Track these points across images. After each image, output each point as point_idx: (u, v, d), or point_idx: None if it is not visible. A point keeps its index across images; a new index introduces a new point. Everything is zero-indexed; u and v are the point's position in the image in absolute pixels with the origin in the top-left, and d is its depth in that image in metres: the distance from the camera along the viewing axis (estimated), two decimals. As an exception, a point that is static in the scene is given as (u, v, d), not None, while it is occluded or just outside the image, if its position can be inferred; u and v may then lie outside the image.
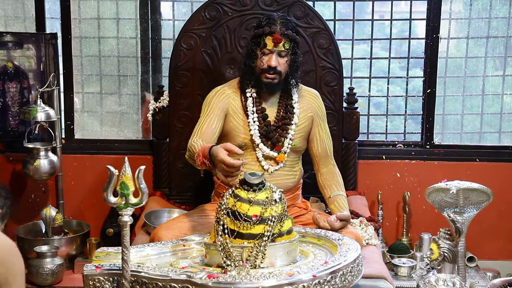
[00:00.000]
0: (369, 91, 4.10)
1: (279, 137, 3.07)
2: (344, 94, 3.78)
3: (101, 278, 2.29)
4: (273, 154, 3.06)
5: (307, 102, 3.15)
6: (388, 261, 3.60)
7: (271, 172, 3.05)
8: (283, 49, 2.95)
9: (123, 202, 2.14)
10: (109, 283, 2.29)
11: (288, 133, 3.08)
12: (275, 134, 3.06)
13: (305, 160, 3.36)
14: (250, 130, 3.04)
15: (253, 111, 3.05)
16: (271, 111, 3.09)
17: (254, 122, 3.04)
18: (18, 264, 1.71)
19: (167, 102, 3.77)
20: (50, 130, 3.76)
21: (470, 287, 3.43)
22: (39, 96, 3.66)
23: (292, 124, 3.09)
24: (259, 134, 3.04)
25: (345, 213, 2.96)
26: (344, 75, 3.76)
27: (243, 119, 3.07)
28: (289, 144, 3.08)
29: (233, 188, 2.42)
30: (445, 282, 2.58)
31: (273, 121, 3.08)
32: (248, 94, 3.07)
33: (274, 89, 3.04)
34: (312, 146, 3.19)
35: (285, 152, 3.08)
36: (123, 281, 2.19)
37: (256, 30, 3.02)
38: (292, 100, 3.10)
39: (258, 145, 3.04)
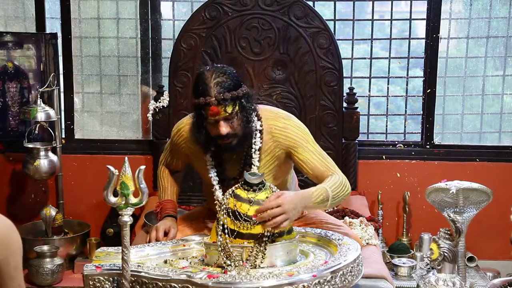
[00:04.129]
0: (369, 91, 4.10)
1: None
2: (344, 94, 3.78)
3: (101, 278, 2.29)
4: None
5: (274, 141, 2.77)
6: (388, 261, 3.60)
7: None
8: (226, 114, 2.58)
9: (123, 202, 2.14)
10: (109, 283, 2.29)
11: None
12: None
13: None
14: (213, 186, 2.79)
15: (212, 165, 2.79)
16: (233, 163, 2.80)
17: (215, 177, 2.78)
18: (16, 242, 1.70)
19: (167, 102, 3.78)
20: (50, 130, 3.76)
21: (470, 287, 3.43)
22: (39, 96, 3.66)
23: None
24: (221, 192, 2.77)
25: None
26: (344, 75, 3.77)
27: (205, 166, 2.82)
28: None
29: (233, 188, 2.43)
30: (445, 282, 2.58)
31: (235, 173, 2.79)
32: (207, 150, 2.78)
33: (236, 148, 2.71)
34: (303, 172, 2.84)
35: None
36: (123, 281, 2.19)
37: (194, 99, 2.65)
38: (252, 149, 2.75)
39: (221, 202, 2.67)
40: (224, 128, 2.61)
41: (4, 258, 1.66)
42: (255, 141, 2.74)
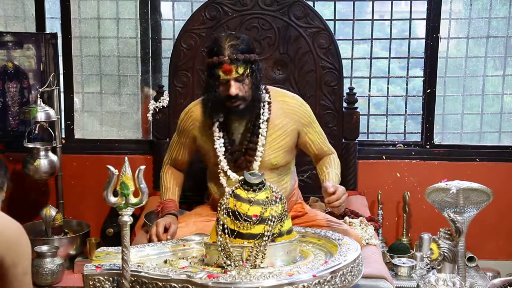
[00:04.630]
0: (369, 91, 4.10)
1: (247, 162, 2.88)
2: (344, 94, 3.78)
3: (101, 278, 2.30)
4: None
5: (287, 115, 2.92)
6: (388, 261, 3.60)
7: None
8: (237, 75, 2.74)
9: (123, 202, 2.14)
10: (109, 283, 2.29)
11: (256, 156, 2.88)
12: (242, 160, 2.89)
13: (305, 160, 3.36)
14: (218, 157, 2.90)
15: (219, 136, 2.89)
16: (240, 134, 2.92)
17: (221, 147, 2.89)
18: (26, 247, 1.71)
19: (167, 102, 3.78)
20: (50, 130, 3.76)
21: (470, 287, 3.43)
22: (39, 96, 3.66)
23: (259, 145, 2.87)
24: (226, 162, 2.89)
25: (334, 185, 2.75)
26: (344, 75, 3.77)
27: (213, 142, 2.91)
28: (257, 167, 2.87)
29: (233, 188, 2.43)
30: (445, 282, 2.58)
31: (242, 145, 2.90)
32: (214, 119, 2.90)
33: (244, 113, 2.85)
34: (308, 151, 3.05)
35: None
36: (123, 281, 2.19)
37: (208, 58, 2.82)
38: (260, 119, 2.88)
39: (226, 172, 2.89)
40: (234, 89, 2.75)
41: (13, 262, 1.66)
42: (263, 112, 2.88)
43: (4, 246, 1.66)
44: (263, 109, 2.88)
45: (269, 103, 2.90)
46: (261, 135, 2.87)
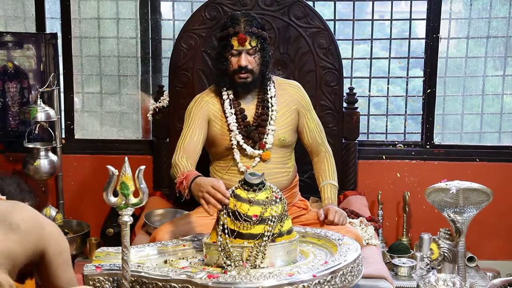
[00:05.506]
0: (369, 91, 4.10)
1: (260, 135, 3.03)
2: (344, 94, 3.78)
3: (101, 278, 2.30)
4: (258, 152, 3.02)
5: (289, 95, 3.12)
6: (388, 261, 3.60)
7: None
8: (250, 47, 2.94)
9: (123, 202, 2.14)
10: (109, 283, 2.29)
11: (268, 129, 3.04)
12: (255, 133, 3.03)
13: (305, 160, 3.36)
14: (230, 133, 3.02)
15: (231, 112, 3.03)
16: (250, 110, 3.06)
17: (234, 123, 3.03)
18: (65, 239, 2.08)
19: (167, 102, 3.78)
20: (50, 130, 3.76)
21: (470, 287, 3.43)
22: (39, 96, 3.66)
23: (271, 119, 3.05)
24: (241, 136, 3.02)
25: (324, 209, 2.99)
26: (344, 75, 3.76)
27: (226, 123, 3.04)
28: (271, 140, 3.04)
29: (233, 188, 2.43)
30: (445, 282, 2.58)
31: (252, 120, 3.05)
32: (225, 97, 3.05)
33: (249, 87, 3.02)
34: (302, 138, 3.17)
35: (267, 149, 3.04)
36: (123, 281, 2.19)
37: (221, 32, 3.01)
38: (268, 95, 3.06)
39: (242, 145, 3.01)
40: (245, 60, 2.94)
41: (57, 251, 2.00)
42: (270, 88, 3.07)
43: (48, 238, 1.97)
44: (270, 86, 3.08)
45: (273, 81, 3.11)
46: (271, 109, 3.05)
